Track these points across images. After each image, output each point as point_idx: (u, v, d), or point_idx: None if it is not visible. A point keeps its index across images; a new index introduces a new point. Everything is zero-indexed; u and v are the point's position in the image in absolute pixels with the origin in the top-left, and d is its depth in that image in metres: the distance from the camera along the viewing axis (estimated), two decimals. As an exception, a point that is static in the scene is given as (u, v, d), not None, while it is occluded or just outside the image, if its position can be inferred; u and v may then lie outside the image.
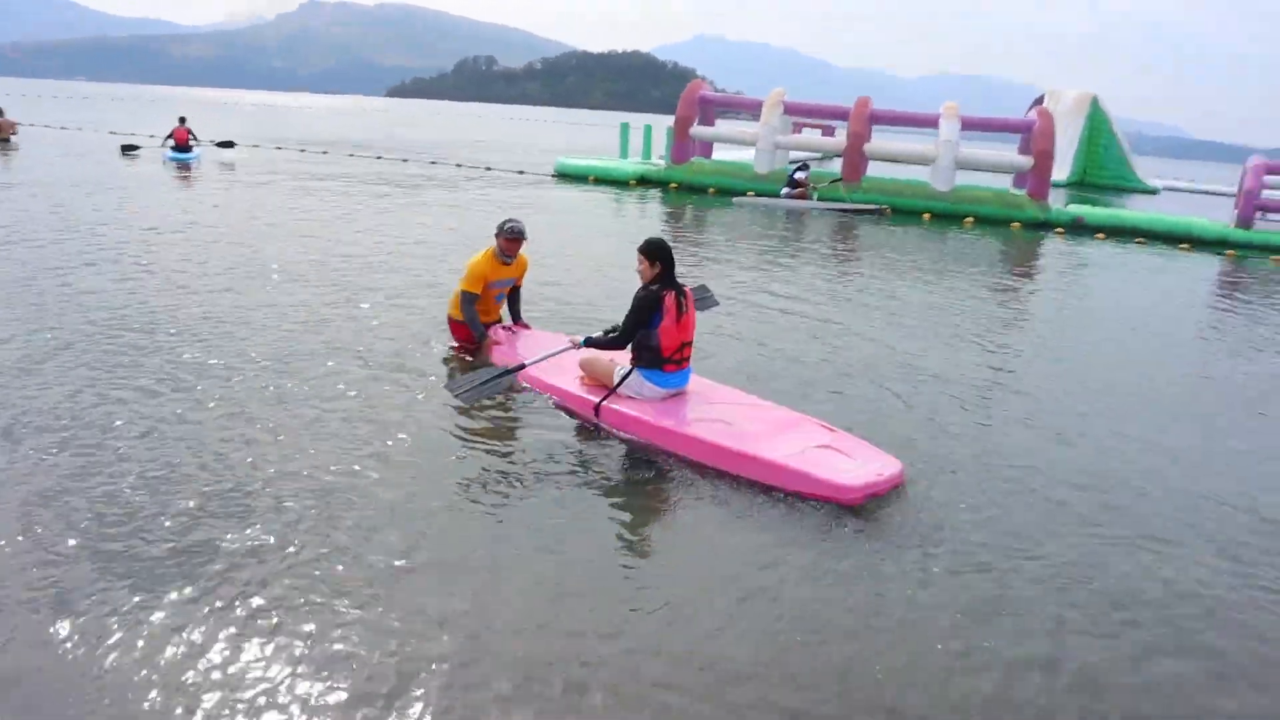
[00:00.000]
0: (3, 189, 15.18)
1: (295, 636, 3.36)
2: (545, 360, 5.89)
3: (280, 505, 4.35)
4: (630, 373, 5.62)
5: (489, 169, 25.48)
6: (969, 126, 21.52)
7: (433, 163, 26.48)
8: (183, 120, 22.97)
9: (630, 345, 5.62)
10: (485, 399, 5.77)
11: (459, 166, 25.74)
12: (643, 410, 5.51)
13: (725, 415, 5.47)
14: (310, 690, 3.09)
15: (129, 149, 23.31)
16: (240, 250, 10.63)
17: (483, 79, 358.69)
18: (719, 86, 25.30)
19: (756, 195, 20.89)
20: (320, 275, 9.50)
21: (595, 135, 58.03)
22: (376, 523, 4.25)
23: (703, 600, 3.80)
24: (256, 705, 3.01)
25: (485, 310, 7.02)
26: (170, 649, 3.26)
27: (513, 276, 7.14)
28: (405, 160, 26.69)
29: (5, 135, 24.88)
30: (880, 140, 22.10)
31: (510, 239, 6.82)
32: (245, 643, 3.31)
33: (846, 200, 20.13)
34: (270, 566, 3.80)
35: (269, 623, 3.43)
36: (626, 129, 27.79)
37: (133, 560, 3.81)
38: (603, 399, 5.63)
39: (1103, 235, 19.21)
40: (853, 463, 4.95)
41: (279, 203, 15.41)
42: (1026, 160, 20.75)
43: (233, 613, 3.48)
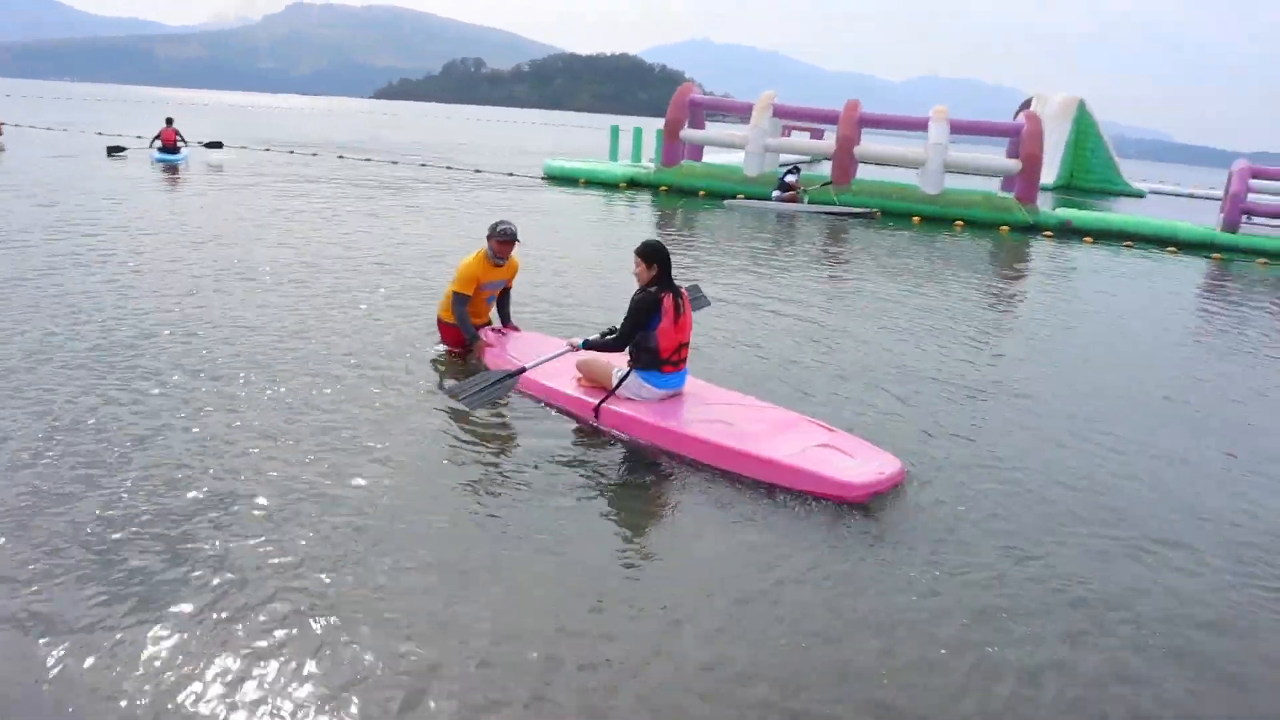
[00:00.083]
0: (-11, 190, 15.05)
1: (294, 643, 3.33)
2: (544, 363, 5.87)
3: (275, 512, 4.29)
4: (628, 374, 5.62)
5: (478, 171, 25.44)
6: (958, 130, 21.61)
7: (422, 165, 26.42)
8: (170, 121, 22.80)
9: (628, 347, 5.62)
10: (488, 405, 5.74)
11: (449, 169, 25.69)
12: (642, 411, 5.51)
13: (725, 416, 5.48)
14: (310, 698, 3.07)
15: (116, 150, 23.14)
16: (229, 253, 10.57)
17: (470, 81, 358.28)
18: (706, 89, 25.26)
19: (747, 198, 20.92)
20: (310, 278, 9.45)
21: (582, 138, 58.03)
22: (375, 528, 4.22)
23: (704, 601, 3.80)
24: (259, 715, 2.99)
25: (476, 312, 7.02)
26: (169, 660, 3.22)
27: (504, 278, 7.13)
28: (395, 162, 26.63)
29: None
30: (870, 143, 22.18)
31: (502, 241, 6.80)
32: (246, 651, 3.28)
33: (837, 203, 20.19)
34: (267, 574, 3.77)
35: (269, 631, 3.40)
36: (616, 132, 27.81)
37: (128, 572, 3.74)
38: (602, 400, 5.63)
39: (1091, 238, 19.33)
40: (854, 461, 4.97)
41: (268, 205, 15.33)
42: (1015, 164, 20.86)
43: (232, 623, 3.44)
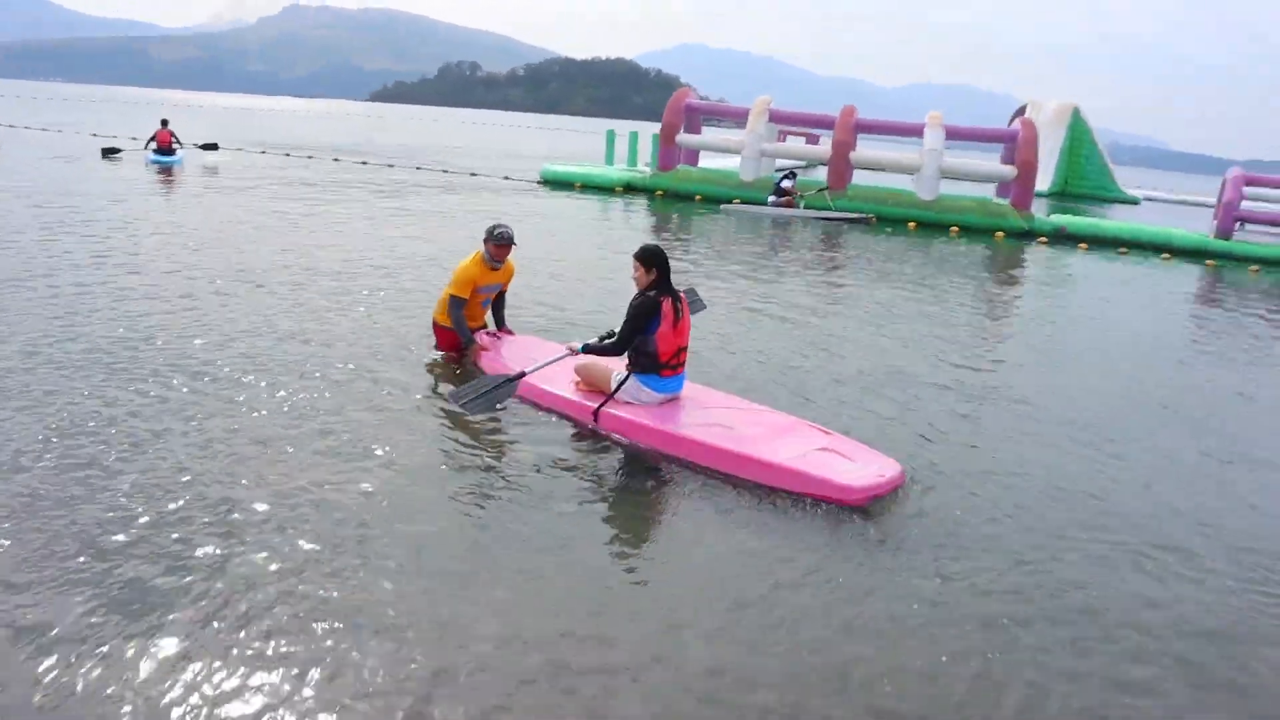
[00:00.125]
0: (-17, 191, 15.00)
1: (295, 650, 3.30)
2: (543, 368, 5.86)
3: (273, 518, 4.24)
4: (627, 378, 5.62)
5: (475, 175, 25.43)
6: (953, 136, 21.68)
7: (418, 168, 26.39)
8: (165, 123, 22.74)
9: (626, 351, 5.61)
10: (490, 411, 5.70)
11: (445, 172, 25.67)
12: (641, 415, 5.51)
13: (723, 419, 5.48)
14: (312, 706, 3.05)
15: (110, 152, 23.06)
16: (225, 255, 10.52)
17: (466, 84, 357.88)
18: (701, 94, 25.30)
19: (743, 202, 20.95)
20: (307, 281, 9.41)
21: (578, 142, 58.06)
22: (375, 534, 4.18)
23: (705, 606, 3.79)
24: None
25: (471, 315, 7.00)
26: (169, 669, 3.18)
27: (500, 282, 7.12)
28: (391, 165, 26.61)
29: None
30: (865, 149, 22.22)
31: (499, 244, 6.79)
32: (247, 659, 3.24)
33: (833, 209, 20.22)
34: (268, 580, 3.73)
35: (271, 638, 3.36)
36: (612, 136, 27.82)
37: (125, 579, 3.68)
38: (601, 404, 5.62)
39: (1085, 245, 19.39)
40: (854, 465, 4.99)
41: (264, 207, 15.30)
42: (1010, 170, 20.92)
43: (233, 630, 3.40)
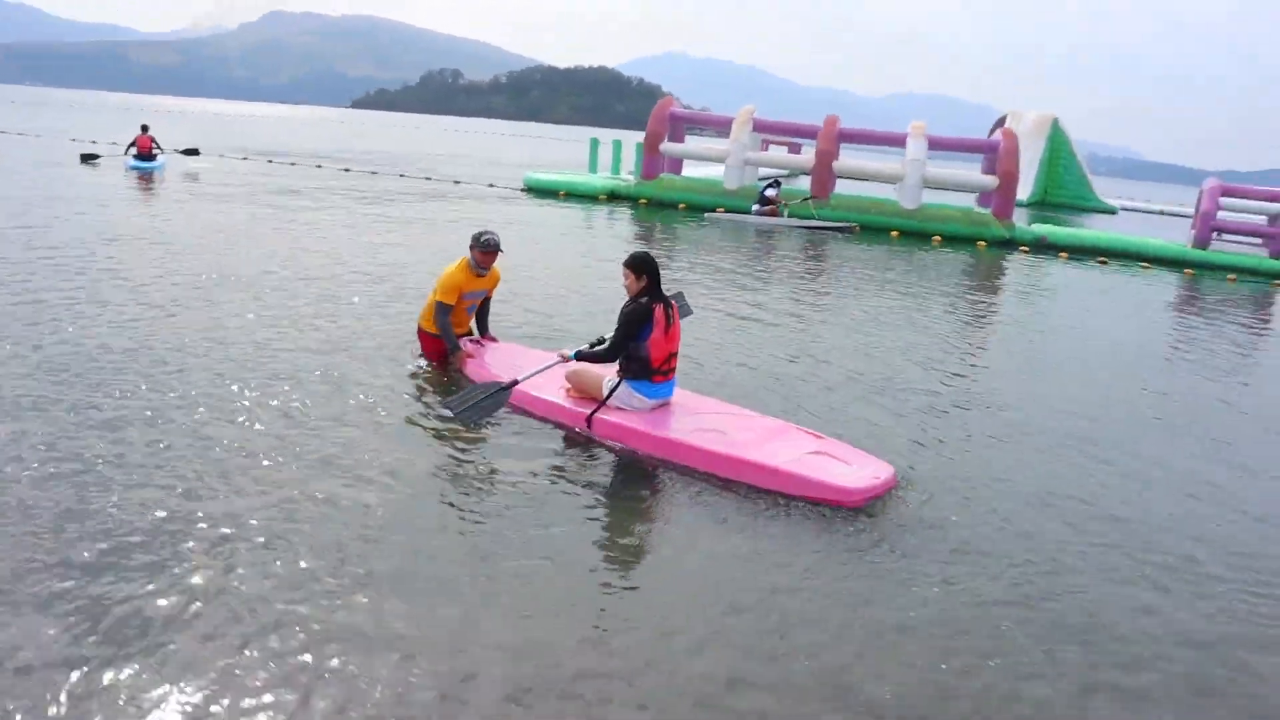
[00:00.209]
0: (-39, 196, 14.82)
1: (292, 665, 3.27)
2: (535, 375, 5.84)
3: (265, 532, 4.15)
4: (619, 384, 5.62)
5: (458, 182, 25.39)
6: (935, 146, 21.86)
7: (401, 175, 26.31)
8: (145, 128, 22.52)
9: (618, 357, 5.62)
10: (483, 421, 5.66)
11: (428, 180, 25.61)
12: (635, 421, 5.52)
13: (716, 424, 5.51)
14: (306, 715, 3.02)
15: (89, 157, 22.86)
16: (207, 263, 10.41)
17: (448, 91, 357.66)
18: (684, 103, 25.43)
19: (726, 211, 21.02)
20: (290, 289, 9.32)
21: (561, 150, 58.10)
22: (368, 547, 4.11)
23: (700, 611, 3.79)
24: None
25: (457, 322, 6.98)
26: (166, 691, 3.14)
27: (486, 288, 7.11)
28: (374, 173, 26.50)
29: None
30: (848, 158, 22.36)
31: (485, 251, 6.77)
32: (246, 677, 3.19)
33: (816, 218, 20.32)
34: (263, 597, 3.65)
35: (267, 654, 3.31)
36: (596, 144, 27.85)
37: (116, 598, 3.60)
38: (594, 411, 5.62)
39: (1066, 254, 19.58)
40: (849, 467, 5.06)
41: (246, 214, 15.20)
42: (992, 180, 21.11)
43: (229, 647, 3.34)
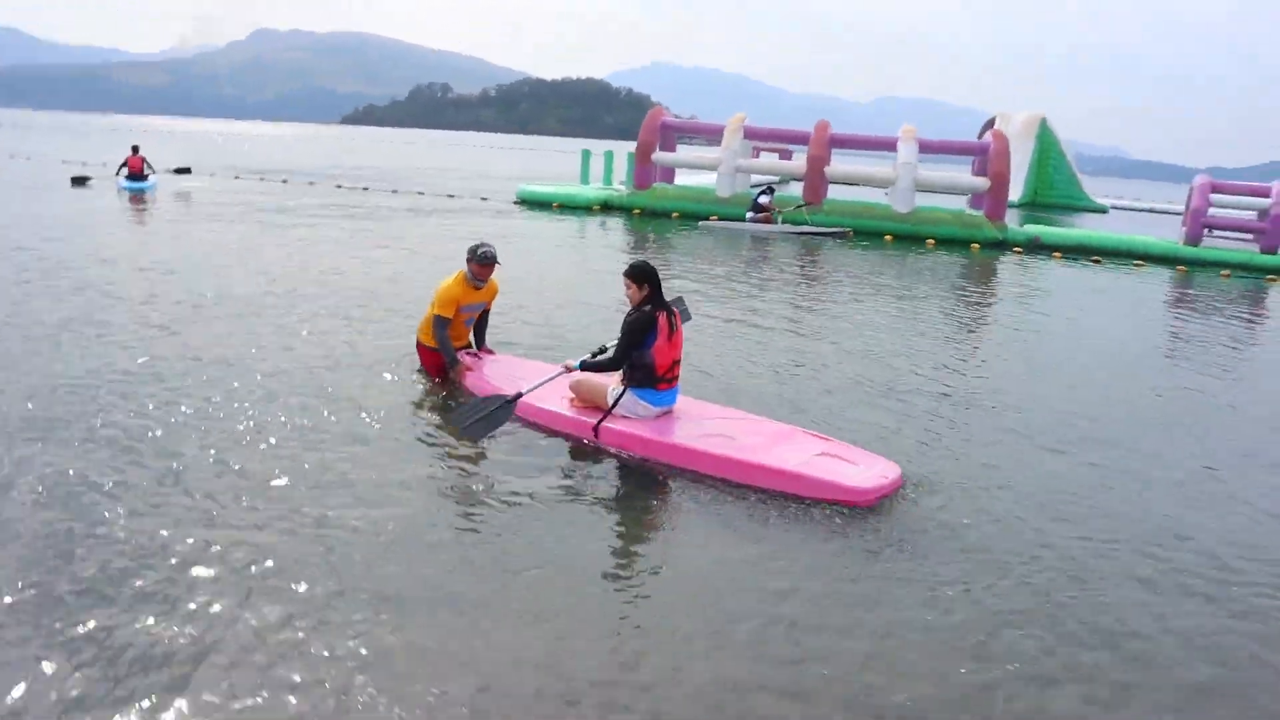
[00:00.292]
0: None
1: (293, 676, 3.26)
2: (540, 387, 5.84)
3: (272, 553, 4.13)
4: (624, 393, 5.63)
5: (451, 196, 25.40)
6: (926, 149, 21.95)
7: (394, 191, 26.30)
8: (135, 149, 22.42)
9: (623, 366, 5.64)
10: (490, 435, 5.64)
11: (420, 194, 25.62)
12: (642, 429, 5.54)
13: (723, 430, 5.54)
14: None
15: (80, 180, 22.78)
16: (203, 283, 10.36)
17: (437, 106, 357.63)
18: (672, 112, 25.49)
19: (720, 219, 21.06)
20: (287, 306, 9.29)
21: (552, 161, 58.18)
22: (378, 563, 4.10)
23: (713, 617, 3.79)
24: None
25: (455, 335, 6.97)
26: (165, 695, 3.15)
27: (484, 301, 7.11)
28: (365, 189, 26.49)
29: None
30: (840, 163, 22.44)
31: (483, 264, 6.78)
32: (254, 697, 3.17)
33: (810, 224, 20.38)
34: (272, 618, 3.63)
35: (277, 673, 3.30)
36: (588, 156, 27.91)
37: (123, 627, 3.57)
38: (600, 420, 5.63)
39: (1059, 254, 19.66)
40: (857, 468, 5.12)
41: (240, 233, 15.19)
42: (983, 182, 21.20)
43: (241, 671, 3.32)
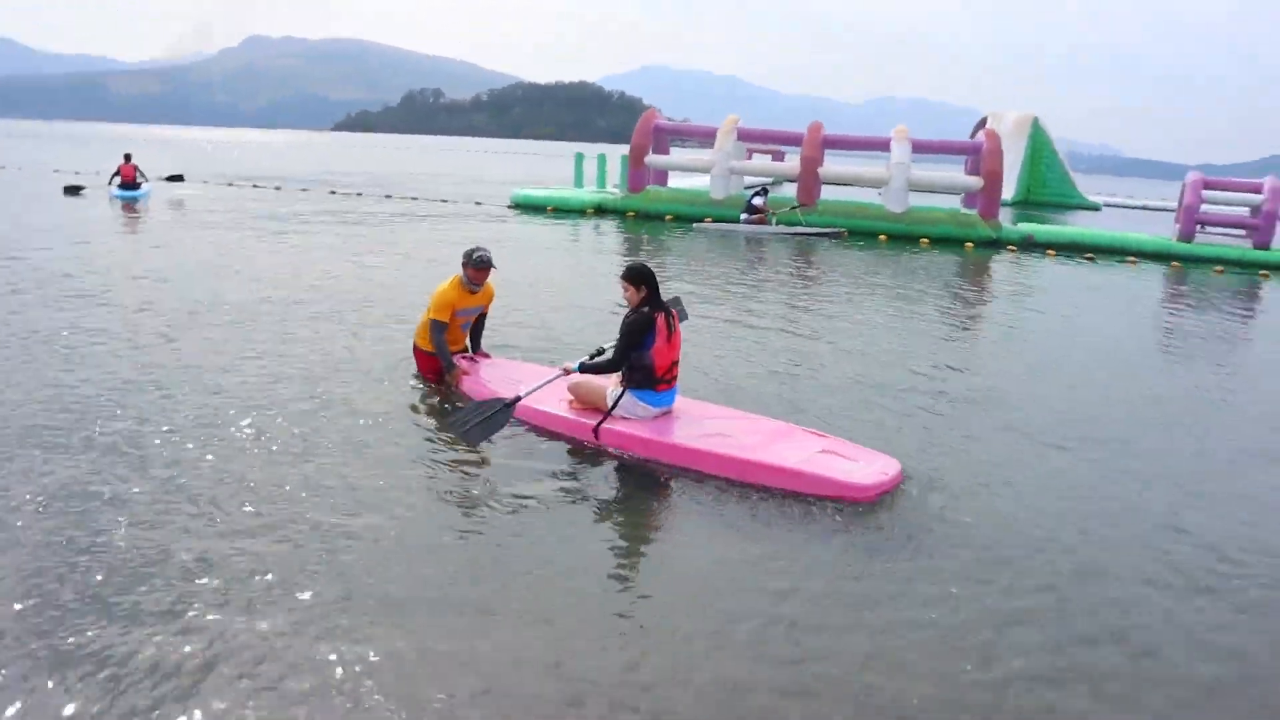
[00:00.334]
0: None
1: (287, 678, 3.24)
2: (539, 389, 5.83)
3: (275, 562, 4.09)
4: (623, 394, 5.63)
5: (445, 201, 25.39)
6: (919, 149, 22.00)
7: (387, 196, 26.28)
8: (128, 157, 22.41)
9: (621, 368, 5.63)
10: (489, 439, 5.61)
11: (414, 199, 25.61)
12: (642, 429, 5.54)
13: (723, 429, 5.56)
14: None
15: (73, 189, 22.72)
16: (198, 290, 10.32)
17: (429, 111, 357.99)
18: (665, 115, 25.52)
19: (715, 221, 21.07)
20: (283, 313, 9.26)
21: (545, 166, 58.20)
22: (381, 569, 4.07)
23: (717, 616, 3.79)
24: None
25: (452, 339, 6.95)
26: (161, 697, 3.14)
27: (480, 305, 7.10)
28: (359, 194, 26.47)
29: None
30: (833, 164, 22.48)
31: (478, 268, 6.77)
32: (236, 683, 3.17)
33: (804, 224, 20.39)
34: (269, 615, 3.64)
35: (260, 664, 3.30)
36: (581, 159, 27.91)
37: (125, 641, 3.53)
38: (600, 421, 5.63)
39: (1053, 252, 19.70)
40: (857, 464, 5.13)
41: (234, 240, 15.16)
42: (977, 181, 21.25)
43: (229, 658, 3.34)
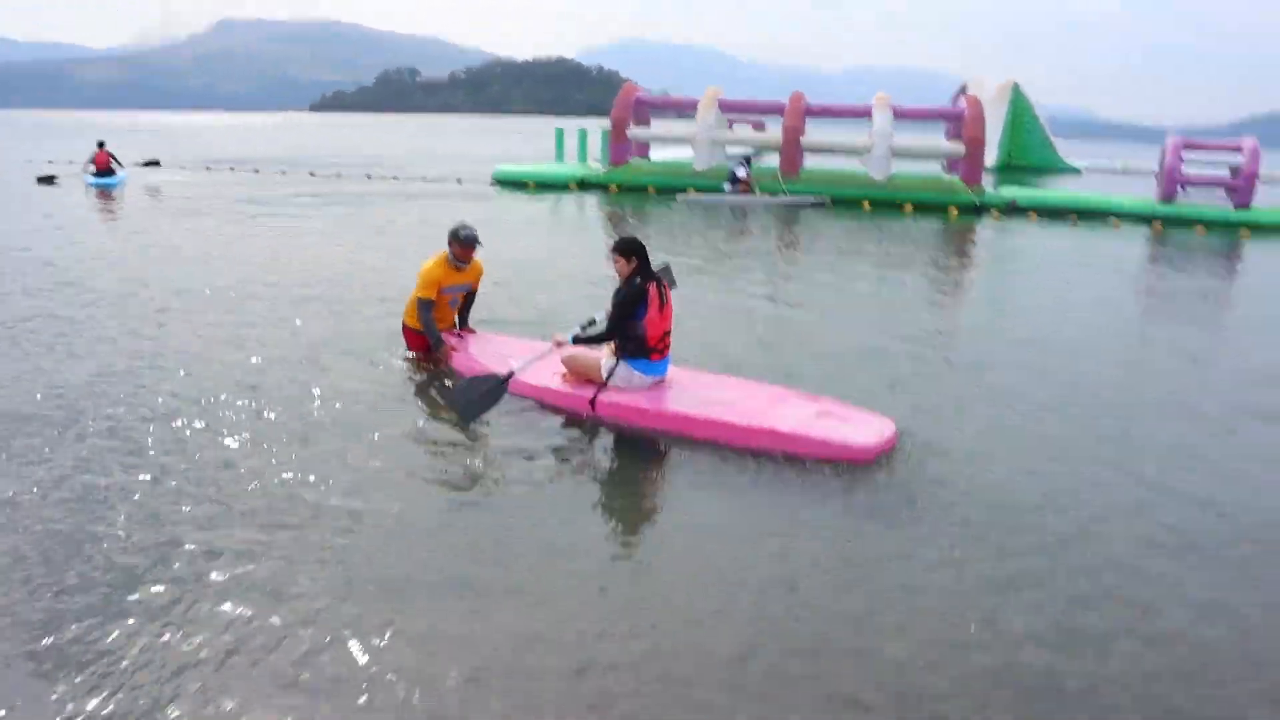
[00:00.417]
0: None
1: (297, 664, 3.24)
2: (532, 364, 5.80)
3: (272, 538, 4.09)
4: (617, 364, 5.61)
5: (427, 180, 25.16)
6: (901, 116, 21.95)
7: (368, 176, 26.00)
8: (102, 144, 22.01)
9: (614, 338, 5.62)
10: (485, 417, 5.58)
11: (395, 179, 25.37)
12: (639, 399, 5.54)
13: (718, 396, 5.55)
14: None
15: (46, 179, 22.34)
16: (180, 277, 10.17)
17: (405, 90, 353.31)
18: (645, 88, 25.32)
19: (698, 191, 21.00)
20: (268, 295, 9.19)
21: (525, 142, 57.73)
22: (378, 547, 4.07)
23: (715, 586, 3.82)
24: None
25: (440, 317, 6.91)
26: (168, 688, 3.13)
27: (468, 282, 7.05)
28: (339, 175, 26.18)
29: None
30: (816, 133, 22.41)
31: (464, 245, 6.73)
32: (264, 688, 3.14)
33: (787, 193, 20.35)
34: (270, 602, 3.61)
35: (270, 654, 3.29)
36: (561, 134, 27.69)
37: (128, 637, 3.47)
38: (596, 393, 5.61)
39: (1036, 215, 19.75)
40: (855, 426, 5.16)
41: (214, 225, 14.99)
42: (959, 147, 21.24)
43: (247, 663, 3.28)
